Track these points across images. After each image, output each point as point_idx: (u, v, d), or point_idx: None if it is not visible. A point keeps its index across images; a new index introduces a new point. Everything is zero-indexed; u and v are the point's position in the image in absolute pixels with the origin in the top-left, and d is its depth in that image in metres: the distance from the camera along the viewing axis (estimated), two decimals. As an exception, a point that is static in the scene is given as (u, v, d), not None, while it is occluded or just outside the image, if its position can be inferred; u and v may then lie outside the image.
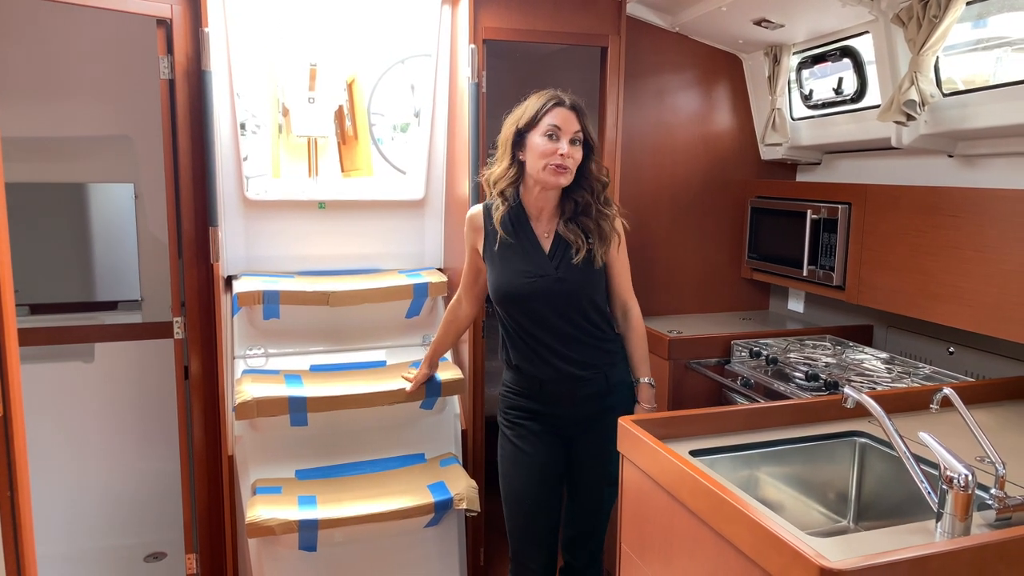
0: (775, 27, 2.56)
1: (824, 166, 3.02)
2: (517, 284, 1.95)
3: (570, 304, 1.96)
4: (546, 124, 1.88)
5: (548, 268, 1.95)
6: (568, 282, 1.95)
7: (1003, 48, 2.46)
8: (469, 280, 2.18)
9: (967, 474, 1.23)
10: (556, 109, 1.89)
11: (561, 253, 1.97)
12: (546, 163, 1.88)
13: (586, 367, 1.99)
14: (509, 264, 1.97)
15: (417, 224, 2.99)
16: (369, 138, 3.92)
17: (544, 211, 2.01)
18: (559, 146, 1.87)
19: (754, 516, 1.21)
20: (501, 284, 1.98)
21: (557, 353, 1.97)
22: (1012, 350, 2.16)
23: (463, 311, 2.28)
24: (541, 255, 1.97)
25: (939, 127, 2.21)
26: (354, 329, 2.76)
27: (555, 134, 1.88)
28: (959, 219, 2.13)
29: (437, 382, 2.51)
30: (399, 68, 3.93)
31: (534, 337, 1.98)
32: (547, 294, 1.94)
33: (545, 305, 1.95)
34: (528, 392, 2.03)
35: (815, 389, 2.26)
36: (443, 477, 2.48)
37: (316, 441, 2.54)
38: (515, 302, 1.97)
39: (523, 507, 2.07)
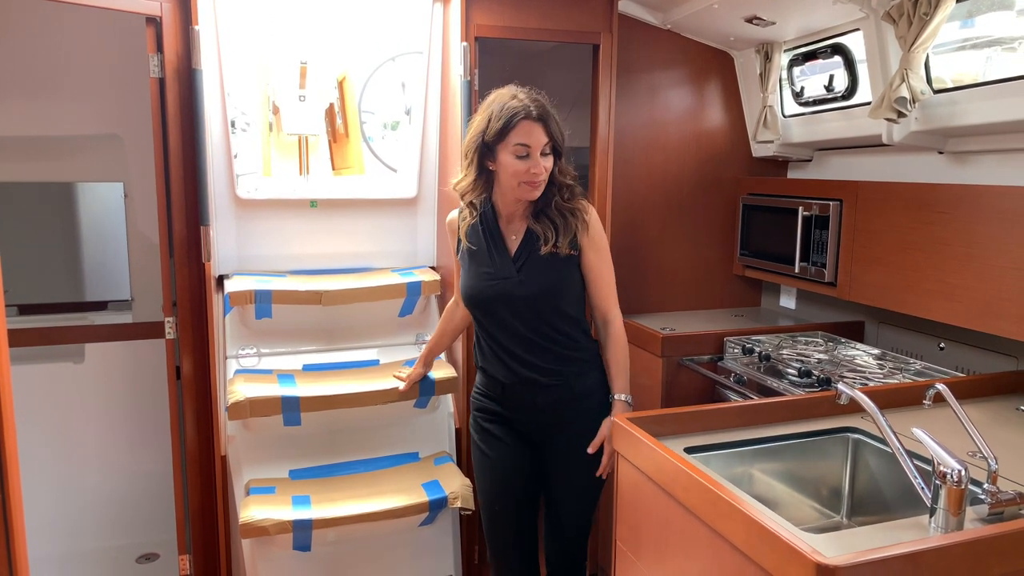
0: (766, 24, 2.56)
1: (815, 163, 3.03)
2: (479, 287, 1.94)
3: (531, 308, 1.90)
4: (514, 143, 1.82)
5: (510, 270, 1.91)
6: (529, 284, 1.89)
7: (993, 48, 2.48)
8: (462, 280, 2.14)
9: (960, 469, 1.24)
10: (522, 124, 1.81)
11: (527, 253, 1.92)
12: (519, 181, 1.85)
13: (548, 373, 1.92)
14: (474, 267, 1.97)
15: (409, 222, 2.98)
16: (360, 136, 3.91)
17: (516, 213, 1.96)
18: (530, 164, 1.83)
19: (749, 512, 1.21)
20: (465, 287, 1.99)
21: (517, 357, 1.93)
22: (1002, 345, 2.18)
23: (459, 313, 2.27)
24: (505, 257, 1.94)
25: (930, 124, 2.22)
26: (347, 328, 2.75)
27: (526, 153, 1.82)
28: (950, 216, 2.14)
29: (431, 381, 2.51)
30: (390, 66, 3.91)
31: (495, 339, 1.95)
32: (508, 297, 1.90)
33: (506, 308, 1.91)
34: (491, 395, 2.03)
35: (808, 385, 2.27)
36: (437, 476, 2.48)
37: (309, 441, 2.53)
38: (478, 305, 1.96)
39: (489, 511, 2.07)
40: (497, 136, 1.83)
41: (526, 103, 1.84)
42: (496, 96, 1.89)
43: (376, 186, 3.08)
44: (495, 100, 1.88)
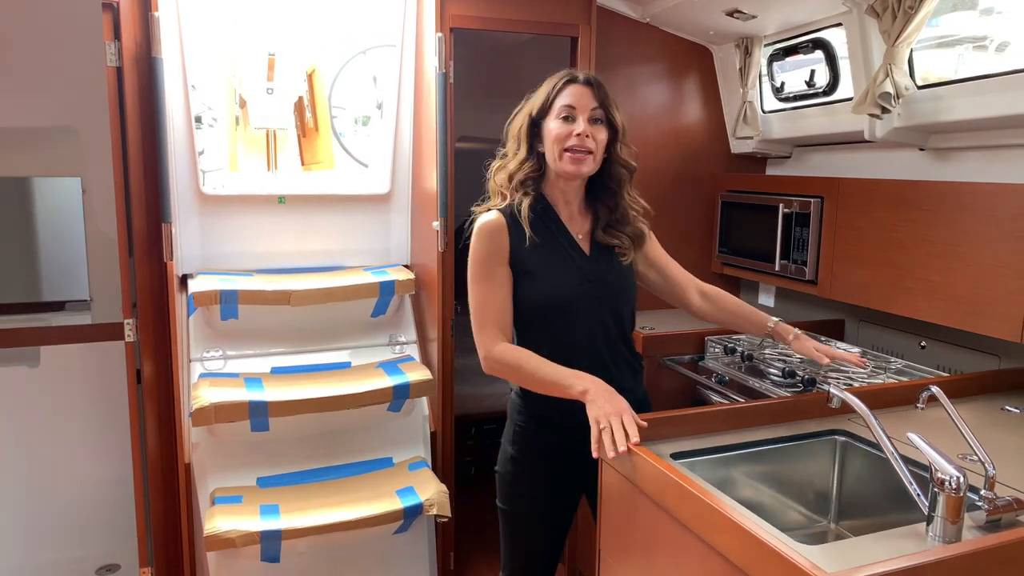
0: (747, 18, 2.52)
1: (794, 159, 3.00)
2: (564, 292, 1.68)
3: (616, 314, 1.74)
4: (559, 106, 1.65)
5: (596, 272, 1.72)
6: (614, 287, 1.73)
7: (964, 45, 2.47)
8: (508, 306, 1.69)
9: (959, 476, 1.19)
10: (569, 87, 1.66)
11: (605, 256, 1.74)
12: (561, 148, 1.63)
13: (625, 392, 1.64)
14: (551, 270, 1.69)
15: (382, 219, 2.89)
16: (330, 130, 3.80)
17: (572, 207, 1.76)
18: (574, 127, 1.62)
19: (745, 525, 1.15)
20: (544, 293, 1.68)
21: (600, 370, 1.66)
22: (984, 344, 2.16)
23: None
24: (583, 258, 1.73)
25: (913, 120, 2.19)
26: (317, 329, 2.66)
27: (570, 115, 1.64)
28: (932, 213, 2.11)
29: (406, 383, 2.43)
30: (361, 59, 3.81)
31: (574, 353, 1.68)
32: (596, 302, 1.71)
33: (591, 315, 1.71)
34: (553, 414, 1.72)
35: (792, 386, 2.23)
36: (412, 482, 2.40)
37: (278, 447, 2.43)
38: (560, 313, 1.69)
39: (540, 546, 1.87)
40: (543, 106, 1.68)
41: (576, 72, 1.71)
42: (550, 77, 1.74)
43: (347, 182, 2.99)
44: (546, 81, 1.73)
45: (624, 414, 1.47)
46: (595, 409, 1.49)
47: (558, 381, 1.57)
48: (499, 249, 1.68)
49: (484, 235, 1.69)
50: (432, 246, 2.58)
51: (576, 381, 1.55)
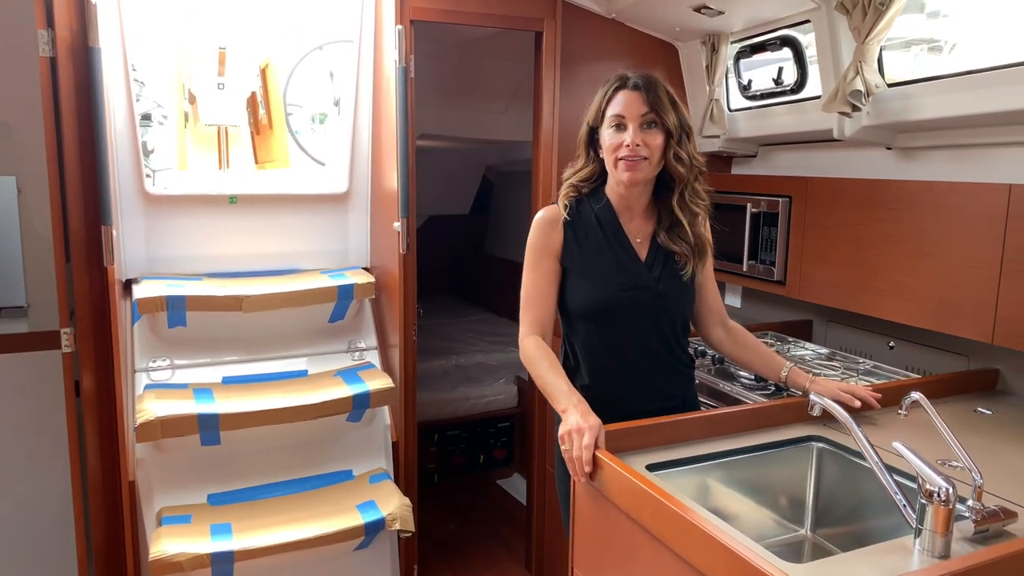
0: (715, 14, 2.47)
1: (760, 159, 2.97)
2: (611, 297, 1.67)
3: (667, 322, 1.72)
4: (610, 115, 1.64)
5: (647, 279, 1.69)
6: (669, 298, 1.70)
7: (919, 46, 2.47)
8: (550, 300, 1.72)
9: (948, 488, 1.14)
10: (619, 94, 1.64)
11: (661, 263, 1.71)
12: (616, 158, 1.63)
13: (670, 396, 1.76)
14: (600, 272, 1.69)
15: (340, 220, 2.78)
16: (285, 127, 3.67)
17: (635, 210, 1.73)
18: (624, 136, 1.61)
19: (730, 545, 1.09)
20: (591, 296, 1.68)
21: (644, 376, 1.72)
22: (953, 344, 2.14)
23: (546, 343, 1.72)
24: (638, 264, 1.70)
25: (882, 119, 2.16)
26: (271, 336, 2.53)
27: (621, 123, 1.63)
28: (901, 212, 2.09)
29: (366, 392, 2.32)
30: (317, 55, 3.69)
31: (618, 358, 1.70)
32: (643, 310, 1.69)
33: (641, 322, 1.69)
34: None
35: (762, 389, 2.19)
36: (373, 495, 2.29)
37: (231, 461, 2.30)
38: (606, 319, 1.69)
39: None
40: (597, 113, 1.68)
41: (627, 75, 1.68)
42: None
43: (303, 181, 2.87)
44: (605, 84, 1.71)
45: (587, 432, 1.45)
46: (563, 427, 1.50)
47: (553, 392, 1.58)
48: (550, 242, 1.71)
49: (539, 226, 1.73)
50: (393, 248, 2.48)
51: (562, 399, 1.55)
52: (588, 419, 1.47)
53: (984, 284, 1.86)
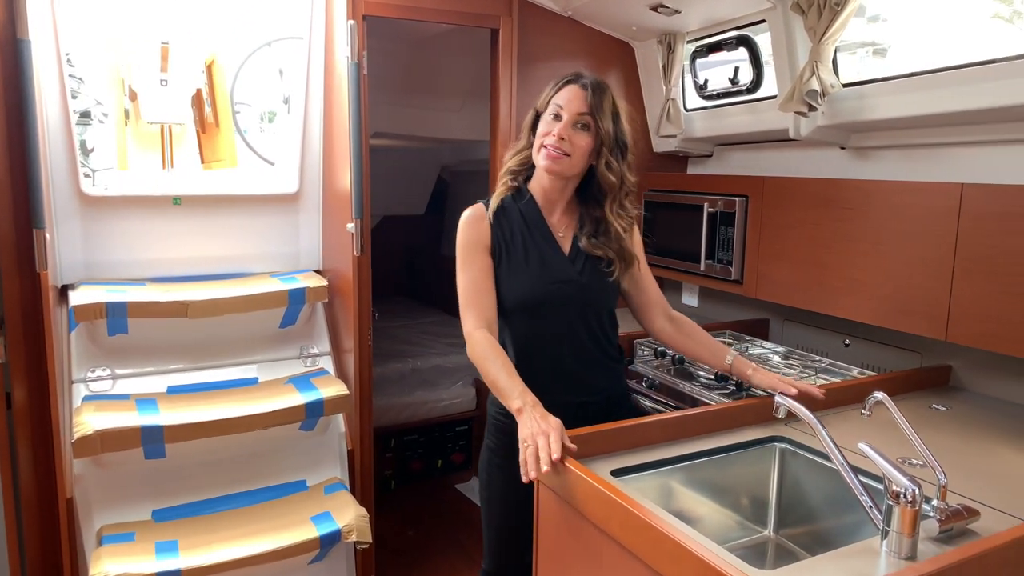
0: (671, 13, 2.46)
1: (715, 158, 2.98)
2: (540, 291, 1.70)
3: (592, 314, 1.75)
4: (553, 103, 1.67)
5: (571, 273, 1.72)
6: (592, 291, 1.73)
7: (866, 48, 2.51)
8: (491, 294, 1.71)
9: (914, 489, 1.14)
10: (567, 87, 1.67)
11: (583, 257, 1.73)
12: (540, 144, 1.66)
13: (597, 391, 1.78)
14: (528, 267, 1.71)
15: (291, 221, 2.69)
16: (232, 125, 3.55)
17: (557, 205, 1.76)
18: (555, 126, 1.64)
19: (703, 555, 1.06)
20: (521, 291, 1.71)
21: (571, 369, 1.74)
22: (907, 341, 2.17)
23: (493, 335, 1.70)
24: (562, 258, 1.73)
25: (836, 119, 2.18)
26: (219, 343, 2.43)
27: (558, 114, 1.66)
28: (857, 211, 2.10)
29: (319, 400, 2.24)
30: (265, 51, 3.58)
31: (545, 351, 1.73)
32: (570, 303, 1.72)
33: (566, 315, 1.72)
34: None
35: (721, 388, 2.19)
36: (328, 506, 2.21)
37: (177, 475, 2.20)
38: (535, 312, 1.71)
39: (516, 546, 1.79)
40: (544, 101, 1.70)
41: (582, 73, 1.71)
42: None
43: (252, 181, 2.78)
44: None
45: (552, 432, 1.41)
46: (523, 430, 1.46)
47: (505, 389, 1.56)
48: (482, 238, 1.72)
49: (468, 223, 1.74)
50: (346, 249, 2.40)
51: (516, 398, 1.52)
52: (548, 420, 1.44)
53: (937, 282, 1.88)
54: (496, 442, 1.81)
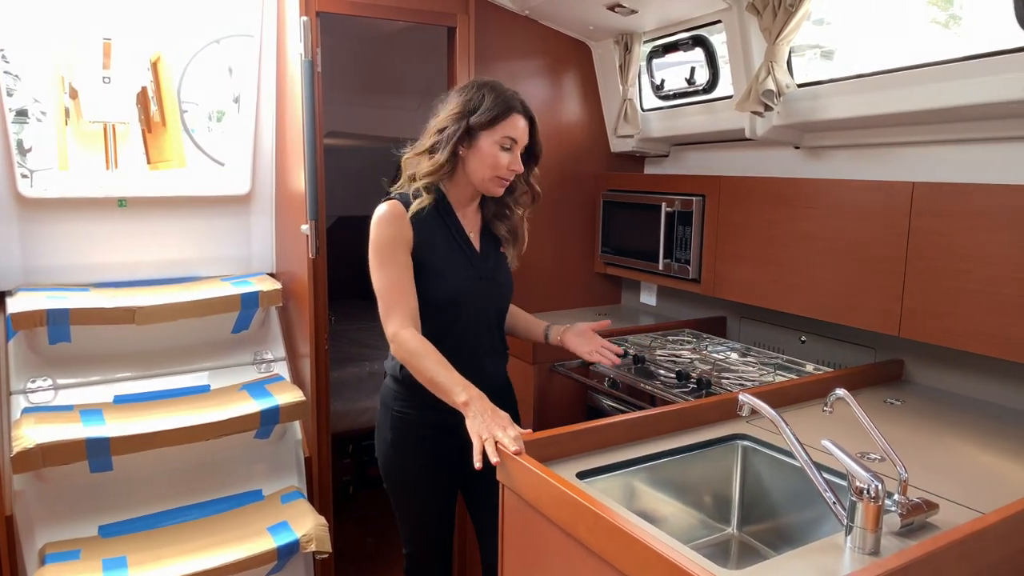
0: (628, 12, 2.46)
1: (672, 158, 3.00)
2: (461, 288, 1.78)
3: (499, 309, 1.89)
4: (503, 134, 1.73)
5: (486, 270, 1.83)
6: (504, 286, 1.88)
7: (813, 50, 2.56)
8: (414, 292, 1.73)
9: (878, 484, 1.15)
10: (516, 118, 1.75)
11: (493, 255, 1.86)
12: (494, 175, 1.75)
13: (500, 378, 1.92)
14: (449, 264, 1.78)
15: (242, 223, 2.61)
16: (180, 125, 3.45)
17: (469, 207, 1.85)
18: (512, 159, 1.75)
19: (673, 558, 1.05)
20: (444, 288, 1.76)
21: (480, 358, 1.83)
22: (861, 337, 2.21)
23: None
24: (476, 255, 1.83)
25: (791, 118, 2.21)
26: (169, 350, 2.35)
27: (511, 147, 1.74)
28: (811, 210, 2.13)
29: (275, 407, 2.18)
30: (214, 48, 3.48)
31: (460, 341, 1.79)
32: (486, 299, 1.83)
33: (480, 310, 1.82)
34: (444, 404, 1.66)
35: (682, 387, 2.19)
36: (286, 516, 2.15)
37: (125, 488, 2.12)
38: (455, 309, 1.78)
39: (435, 520, 1.93)
40: (488, 122, 1.72)
41: (521, 100, 1.79)
42: (486, 81, 1.79)
43: (201, 182, 2.69)
44: (487, 84, 1.77)
45: (507, 428, 1.47)
46: (476, 424, 1.50)
47: (446, 385, 1.59)
48: (403, 236, 1.72)
49: (388, 220, 1.73)
50: (301, 252, 2.34)
51: (461, 391, 1.56)
52: (498, 413, 1.50)
53: (890, 278, 1.92)
54: (399, 435, 1.87)
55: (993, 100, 1.70)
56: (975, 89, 1.73)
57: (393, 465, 1.90)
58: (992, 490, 1.39)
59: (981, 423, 1.77)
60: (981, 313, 1.73)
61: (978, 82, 1.72)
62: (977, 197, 1.73)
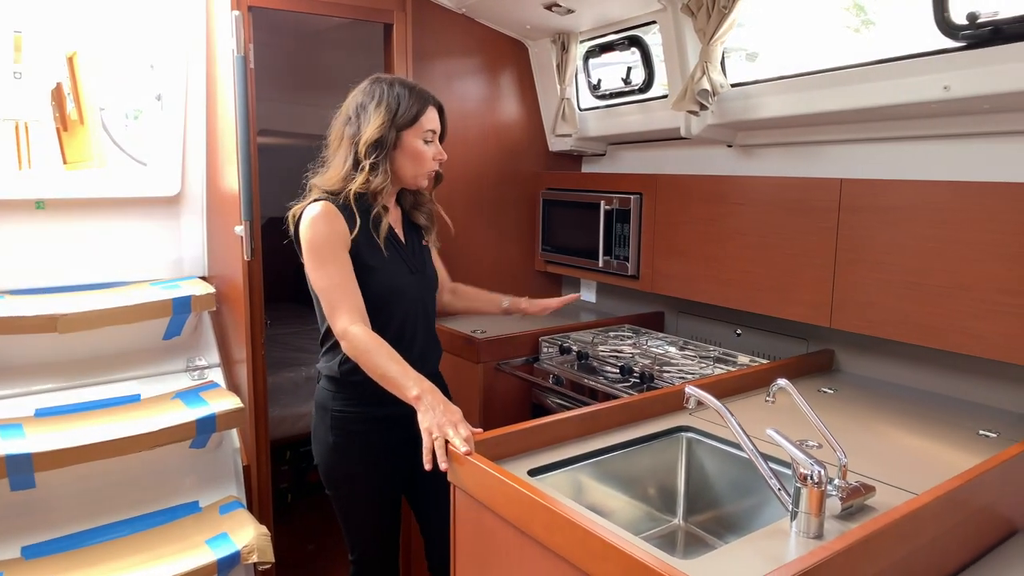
0: (564, 12, 2.48)
1: (608, 157, 3.04)
2: (398, 284, 1.82)
3: (430, 301, 1.94)
4: (424, 128, 1.79)
5: (415, 264, 1.89)
6: (432, 279, 1.94)
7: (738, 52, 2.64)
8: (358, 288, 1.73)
9: (820, 470, 1.19)
10: (431, 110, 1.81)
11: (418, 249, 1.92)
12: (425, 169, 1.81)
13: (431, 364, 1.95)
14: (385, 262, 1.80)
15: (172, 225, 2.51)
16: (99, 123, 3.29)
17: (390, 203, 1.90)
18: (436, 152, 1.82)
19: (630, 551, 1.06)
20: (381, 285, 1.78)
21: (419, 350, 1.86)
22: (793, 329, 2.29)
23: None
24: (404, 251, 1.88)
25: (725, 118, 2.27)
26: (95, 358, 2.24)
27: (432, 140, 1.82)
28: (744, 207, 2.20)
29: (211, 415, 2.10)
30: (135, 43, 3.34)
31: (400, 335, 1.81)
32: (420, 292, 1.89)
33: (416, 303, 1.87)
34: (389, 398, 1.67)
35: (623, 381, 2.22)
36: (225, 527, 2.08)
37: (50, 506, 2.00)
38: (392, 305, 1.81)
39: (383, 522, 1.93)
40: (410, 121, 1.77)
41: (430, 93, 1.83)
42: (391, 79, 1.81)
43: (124, 183, 2.57)
44: (395, 85, 1.79)
45: (458, 425, 1.48)
46: (427, 419, 1.51)
47: (398, 379, 1.59)
48: (341, 234, 1.72)
49: (323, 219, 1.71)
50: (235, 254, 2.27)
51: (412, 386, 1.57)
52: (450, 408, 1.52)
53: (821, 271, 1.99)
54: (341, 437, 1.85)
55: (913, 100, 1.79)
56: (897, 90, 1.82)
57: (336, 468, 1.87)
58: (923, 472, 1.46)
59: (908, 408, 1.86)
60: (904, 303, 1.82)
61: (899, 83, 1.81)
62: (897, 193, 1.81)
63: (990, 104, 1.71)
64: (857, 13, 2.63)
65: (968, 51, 1.65)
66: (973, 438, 1.66)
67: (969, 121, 1.80)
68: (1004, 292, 1.63)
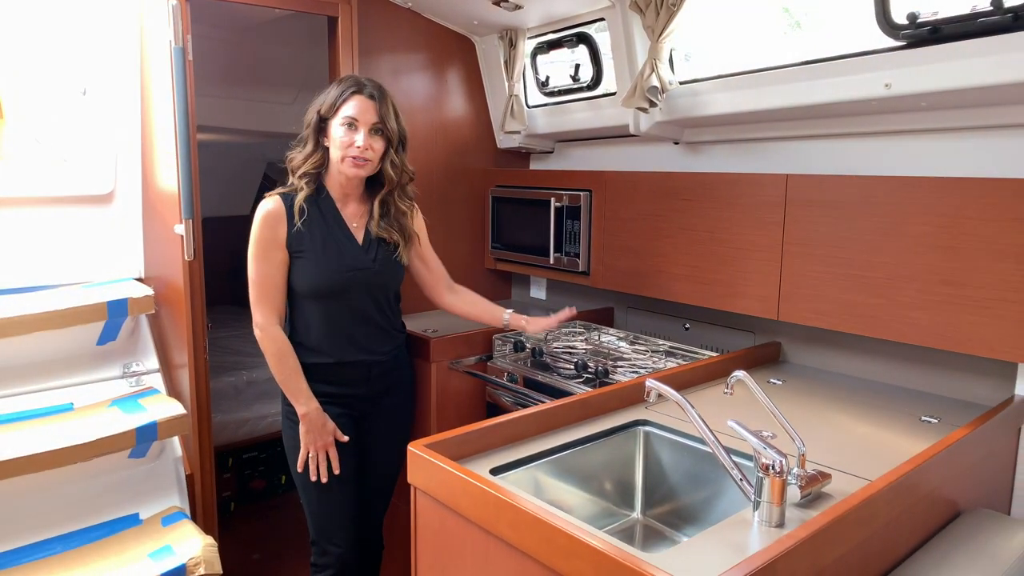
0: (512, 8, 2.46)
1: (556, 154, 3.04)
2: (338, 279, 1.92)
3: (381, 295, 2.01)
4: (344, 115, 1.86)
5: (365, 261, 1.95)
6: (383, 275, 1.99)
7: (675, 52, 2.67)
8: (283, 288, 1.93)
9: (781, 460, 1.21)
10: (354, 98, 1.86)
11: (375, 245, 1.98)
12: (344, 155, 1.87)
13: (382, 353, 2.04)
14: (325, 256, 1.91)
15: (104, 225, 2.40)
16: (17, 117, 3.11)
17: (350, 197, 1.98)
18: (356, 138, 1.85)
19: (598, 547, 1.05)
20: (319, 278, 1.91)
21: (362, 339, 1.99)
22: (740, 322, 2.34)
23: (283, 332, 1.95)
24: (356, 247, 1.96)
25: (673, 115, 2.29)
26: (23, 366, 2.12)
27: (353, 124, 1.86)
28: (693, 203, 2.23)
29: (151, 423, 2.00)
30: (59, 30, 3.17)
31: (338, 324, 1.96)
32: (362, 287, 1.95)
33: (360, 296, 1.96)
34: (327, 378, 1.98)
35: (577, 378, 2.23)
36: (168, 539, 1.99)
37: (-25, 524, 1.87)
38: (333, 296, 1.93)
39: (334, 495, 2.02)
40: (330, 108, 1.87)
41: (363, 81, 1.90)
42: (347, 76, 1.95)
43: (50, 181, 2.43)
44: (345, 78, 1.93)
45: (329, 448, 1.94)
46: (308, 438, 1.93)
47: (294, 392, 1.92)
48: (278, 235, 1.89)
49: (266, 220, 1.90)
50: (174, 254, 2.17)
51: (303, 404, 1.91)
52: (327, 428, 1.92)
53: (768, 265, 2.04)
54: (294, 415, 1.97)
55: (856, 97, 1.84)
56: (841, 87, 1.87)
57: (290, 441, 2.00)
58: (872, 458, 1.50)
59: (853, 397, 1.92)
60: (849, 295, 1.87)
61: (843, 80, 1.86)
62: (841, 188, 1.86)
63: (927, 102, 1.77)
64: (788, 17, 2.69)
65: (908, 50, 1.71)
66: (916, 424, 1.72)
67: (909, 118, 1.87)
68: (944, 283, 1.69)
